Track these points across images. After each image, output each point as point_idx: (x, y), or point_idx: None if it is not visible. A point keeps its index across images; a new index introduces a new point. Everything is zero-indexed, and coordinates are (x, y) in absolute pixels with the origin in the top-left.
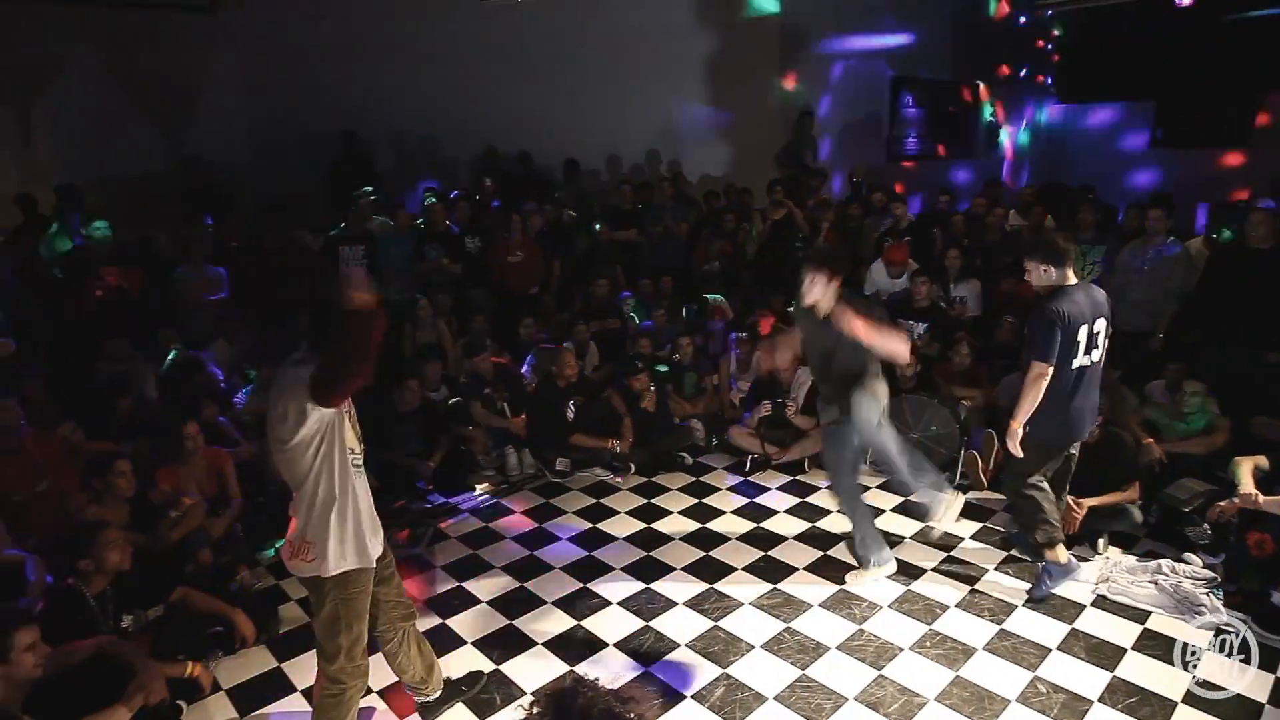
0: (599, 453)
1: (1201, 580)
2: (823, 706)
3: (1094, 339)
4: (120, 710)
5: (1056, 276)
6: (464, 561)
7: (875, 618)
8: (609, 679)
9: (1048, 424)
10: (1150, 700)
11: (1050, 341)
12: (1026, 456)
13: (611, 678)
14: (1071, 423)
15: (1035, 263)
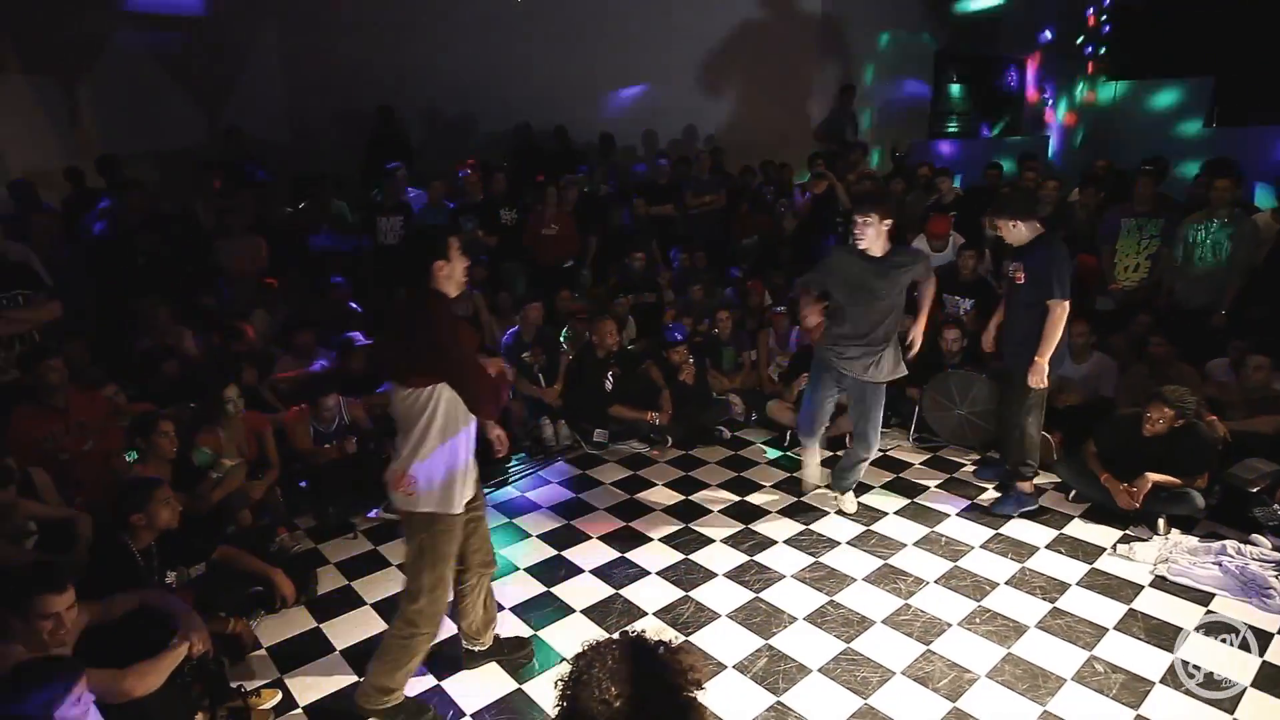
0: (637, 425)
1: (1270, 563)
2: (869, 680)
3: None
4: (166, 659)
5: (1026, 231)
6: (500, 529)
7: (921, 593)
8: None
9: (1056, 362)
10: (1214, 684)
11: (1068, 278)
12: (1041, 391)
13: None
14: (1059, 357)
15: (1004, 219)
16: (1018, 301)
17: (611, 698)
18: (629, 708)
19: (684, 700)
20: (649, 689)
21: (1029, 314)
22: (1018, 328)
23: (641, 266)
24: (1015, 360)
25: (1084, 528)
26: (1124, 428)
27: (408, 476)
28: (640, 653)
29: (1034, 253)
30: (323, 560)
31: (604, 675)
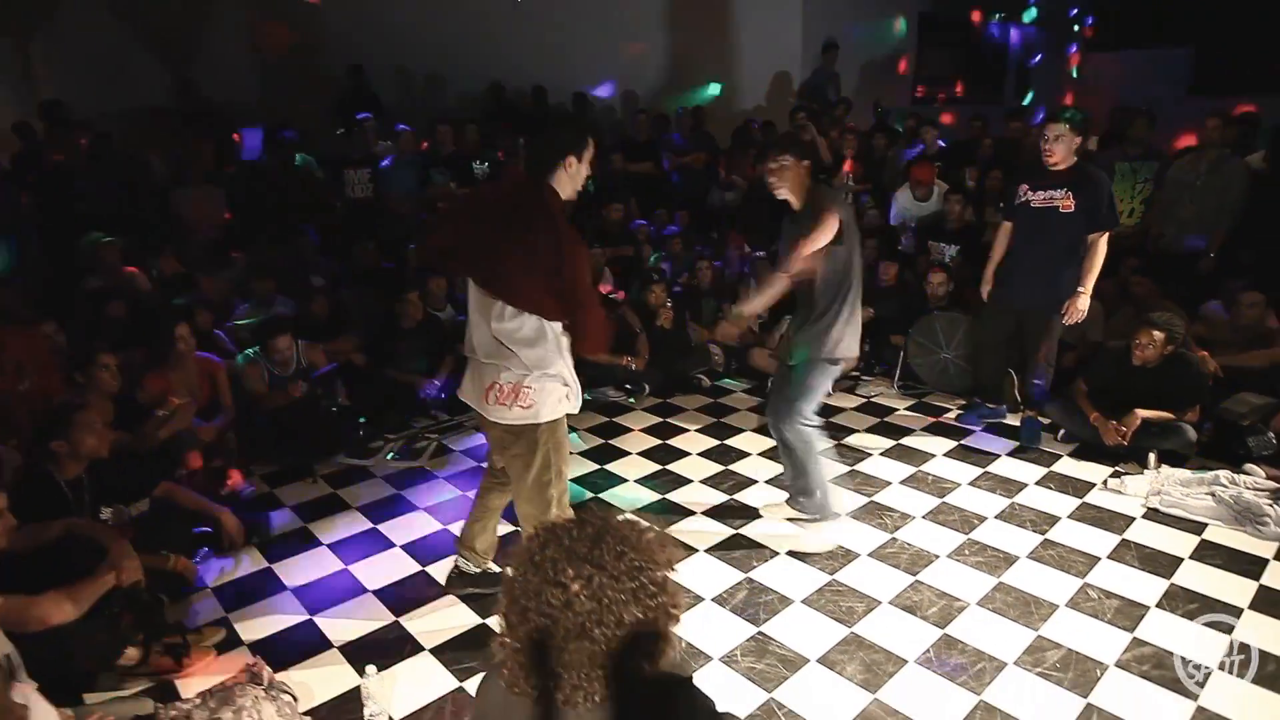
0: (612, 369)
1: (1265, 491)
2: (854, 609)
3: None
4: (87, 587)
5: (1069, 154)
6: (470, 473)
7: (907, 527)
8: None
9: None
10: (1213, 606)
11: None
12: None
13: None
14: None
15: (1059, 126)
16: (1055, 233)
17: (568, 580)
18: (588, 593)
19: (652, 585)
20: (612, 571)
21: (1065, 245)
22: (1050, 260)
23: (619, 219)
24: (1042, 294)
25: (1074, 465)
26: (1114, 361)
27: (522, 390)
28: (602, 532)
29: (1085, 180)
30: (278, 503)
31: (560, 555)
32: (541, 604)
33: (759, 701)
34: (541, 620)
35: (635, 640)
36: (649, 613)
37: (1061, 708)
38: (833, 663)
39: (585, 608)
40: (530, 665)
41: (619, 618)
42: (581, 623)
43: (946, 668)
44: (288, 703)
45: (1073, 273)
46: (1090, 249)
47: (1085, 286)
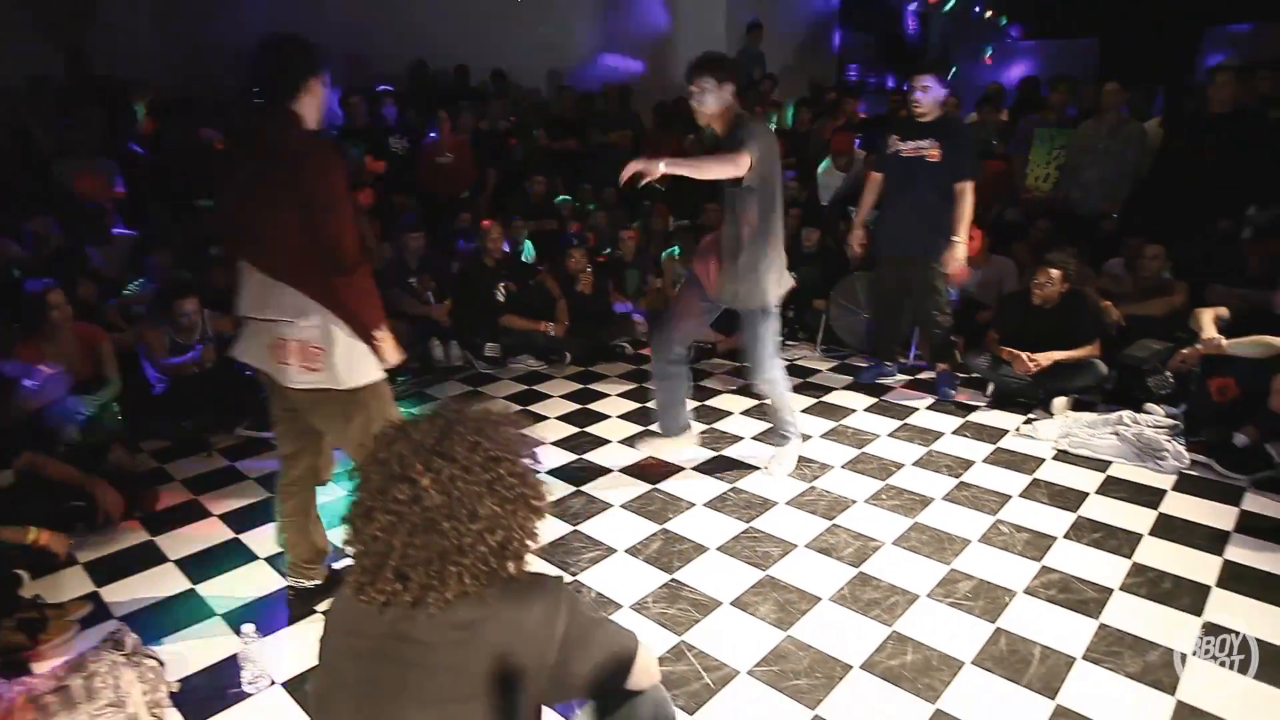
0: (531, 336)
1: (1164, 429)
2: (770, 554)
3: None
4: None
5: (937, 105)
6: None
7: (826, 476)
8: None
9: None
10: (1116, 534)
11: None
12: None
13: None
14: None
15: (923, 73)
16: (920, 182)
17: (416, 474)
18: (438, 486)
19: (510, 476)
20: (463, 463)
21: (936, 193)
22: (921, 209)
23: (541, 191)
24: (918, 243)
25: (990, 415)
26: (1018, 305)
27: (310, 349)
28: (452, 424)
29: (951, 131)
30: (168, 478)
31: (407, 451)
32: (388, 501)
33: (669, 644)
34: (387, 519)
35: (491, 535)
36: (505, 505)
37: (970, 633)
38: (746, 604)
39: (434, 501)
40: (376, 567)
41: (472, 510)
42: (430, 517)
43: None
44: (151, 668)
45: (945, 221)
46: (959, 198)
47: (959, 235)
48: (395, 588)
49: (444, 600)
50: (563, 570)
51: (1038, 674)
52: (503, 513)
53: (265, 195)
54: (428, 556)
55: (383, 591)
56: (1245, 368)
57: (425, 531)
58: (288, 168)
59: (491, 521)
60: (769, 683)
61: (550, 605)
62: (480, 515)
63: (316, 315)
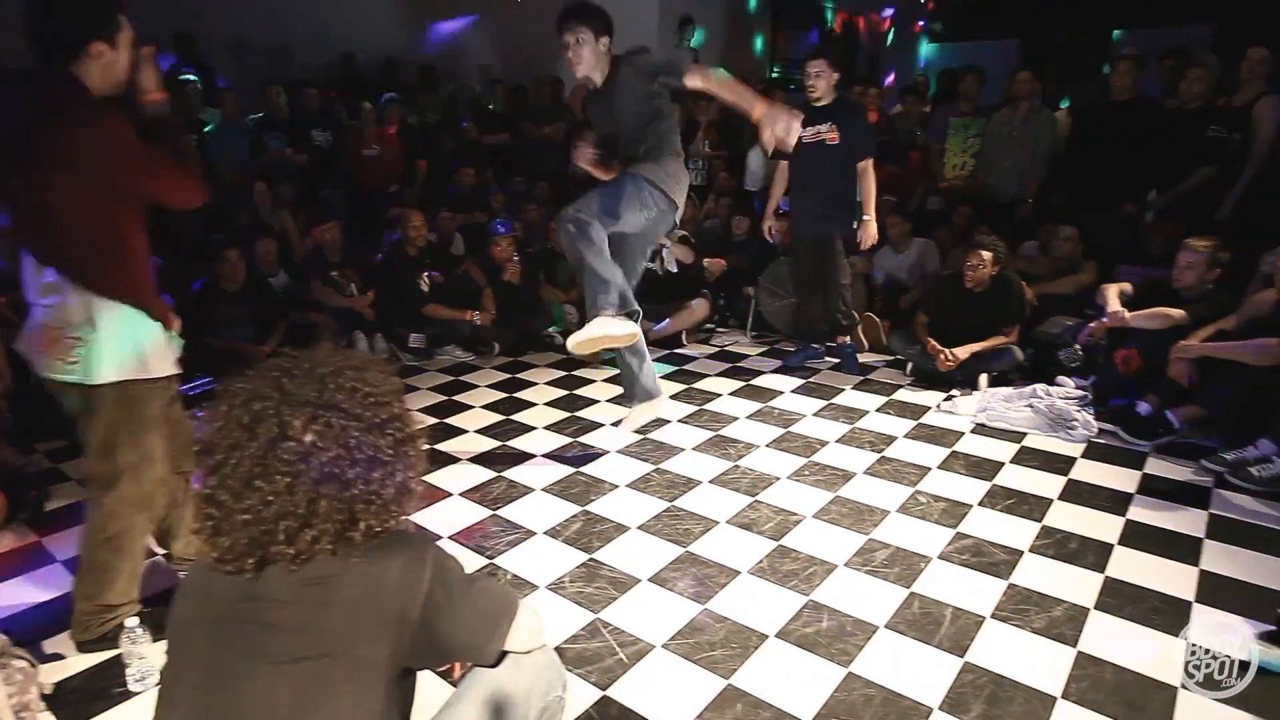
0: (456, 326)
1: (1074, 399)
2: (691, 531)
3: None
4: None
5: (831, 88)
6: None
7: (751, 455)
8: (444, 523)
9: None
10: (1028, 500)
11: None
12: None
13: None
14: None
15: (819, 62)
16: (823, 165)
17: (300, 432)
18: (334, 440)
19: (396, 419)
20: (353, 412)
21: (838, 174)
22: (824, 191)
23: (470, 183)
24: (824, 225)
25: (912, 393)
26: (950, 288)
27: (65, 340)
28: (326, 374)
29: (846, 112)
30: (63, 477)
31: (284, 408)
32: (274, 464)
33: (584, 622)
34: (283, 480)
35: (394, 478)
36: (400, 445)
37: (885, 598)
38: (664, 580)
39: (331, 454)
40: (265, 535)
41: (372, 456)
42: (331, 471)
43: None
44: (20, 669)
45: (849, 201)
46: (862, 176)
47: (869, 213)
48: (282, 550)
49: (299, 562)
50: (479, 554)
51: (948, 634)
52: (397, 455)
53: (34, 168)
54: (334, 509)
55: (234, 553)
56: (1147, 339)
57: (329, 483)
58: (61, 137)
59: (391, 466)
60: (683, 655)
61: (414, 561)
62: (381, 460)
63: (77, 298)
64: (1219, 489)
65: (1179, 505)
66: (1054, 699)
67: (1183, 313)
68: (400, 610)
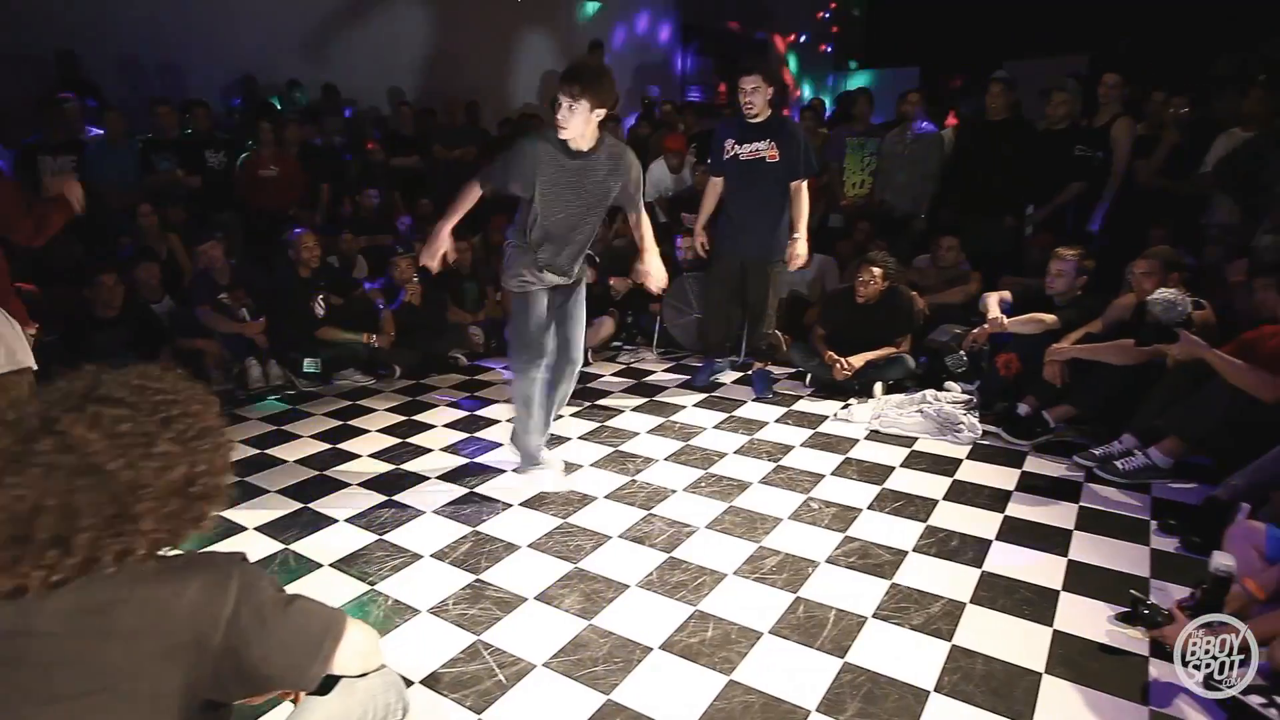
0: (354, 349)
1: (960, 403)
2: (583, 547)
3: None
4: None
5: (767, 104)
6: None
7: (649, 470)
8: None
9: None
10: (915, 502)
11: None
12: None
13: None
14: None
15: (753, 76)
16: (763, 184)
17: (66, 426)
18: (101, 432)
19: (186, 416)
20: (132, 403)
21: (778, 193)
22: (765, 210)
23: (374, 205)
24: (761, 243)
25: (811, 404)
26: (843, 302)
27: None
28: (104, 375)
29: (785, 131)
30: None
31: (50, 403)
32: (28, 458)
33: (464, 644)
34: (33, 472)
35: (172, 471)
36: (186, 442)
37: (772, 604)
38: (551, 598)
39: (96, 445)
40: (20, 537)
41: (145, 449)
42: (92, 462)
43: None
44: None
45: (785, 220)
46: (795, 196)
47: (799, 232)
48: (52, 557)
49: (55, 581)
50: (360, 581)
51: (830, 636)
52: (183, 449)
53: None
54: (97, 502)
55: (38, 566)
56: (1025, 344)
57: (87, 474)
58: None
59: (170, 458)
60: (564, 673)
61: (214, 582)
62: (156, 451)
63: None
64: (1089, 483)
65: (1053, 500)
66: (927, 693)
67: (1054, 318)
68: (197, 637)
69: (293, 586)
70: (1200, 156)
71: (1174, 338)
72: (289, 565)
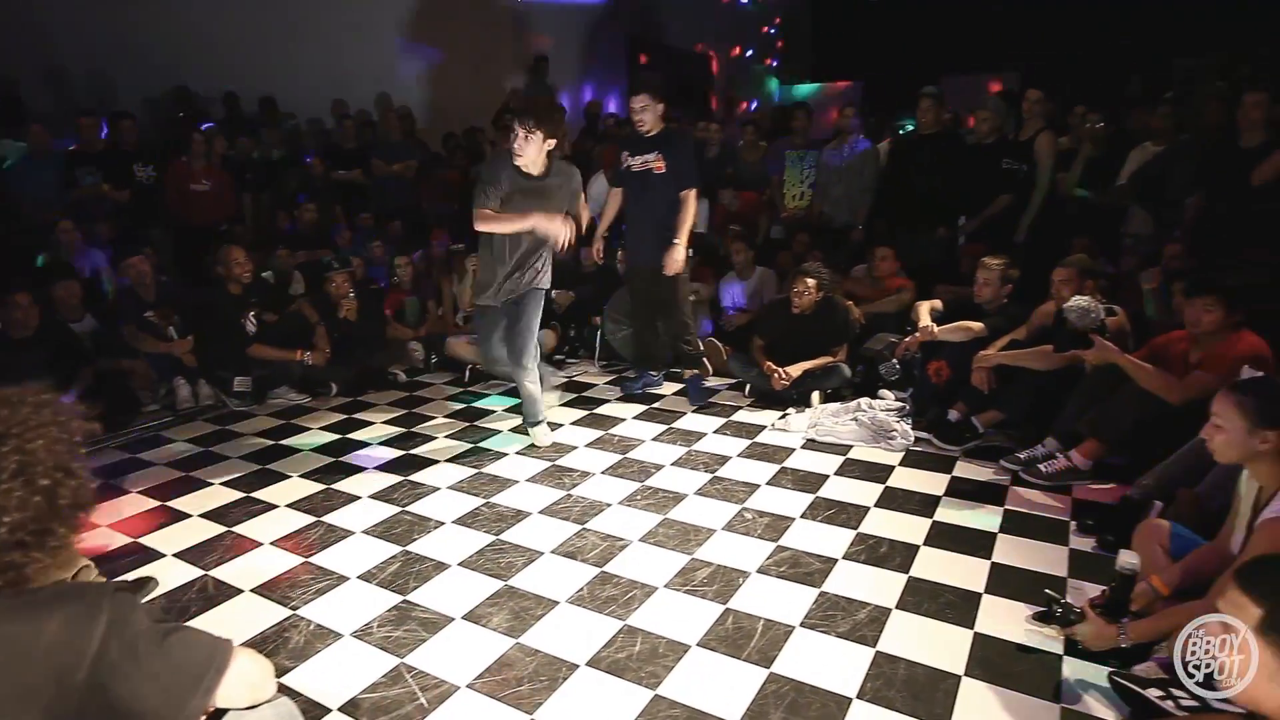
0: (287, 367)
1: (894, 411)
2: (514, 564)
3: None
4: None
5: (658, 120)
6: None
7: (585, 484)
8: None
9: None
10: (847, 509)
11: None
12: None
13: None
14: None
15: (644, 95)
16: (653, 193)
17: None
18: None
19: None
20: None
21: (666, 203)
22: (655, 219)
23: (312, 219)
24: (656, 252)
25: (751, 414)
26: (780, 313)
27: None
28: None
29: (673, 142)
30: None
31: None
32: None
33: (387, 668)
34: None
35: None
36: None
37: (701, 616)
38: (479, 617)
39: None
40: None
41: None
42: None
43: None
44: None
45: (676, 229)
46: (683, 205)
47: (679, 239)
48: None
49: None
50: (281, 606)
51: (757, 646)
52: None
53: None
54: None
55: None
56: (955, 352)
57: None
58: None
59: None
60: (488, 693)
61: (79, 616)
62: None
63: None
64: (1014, 486)
65: (979, 504)
66: (850, 700)
67: (981, 325)
68: (58, 674)
69: (209, 614)
70: (1119, 170)
71: (1089, 343)
72: (207, 592)
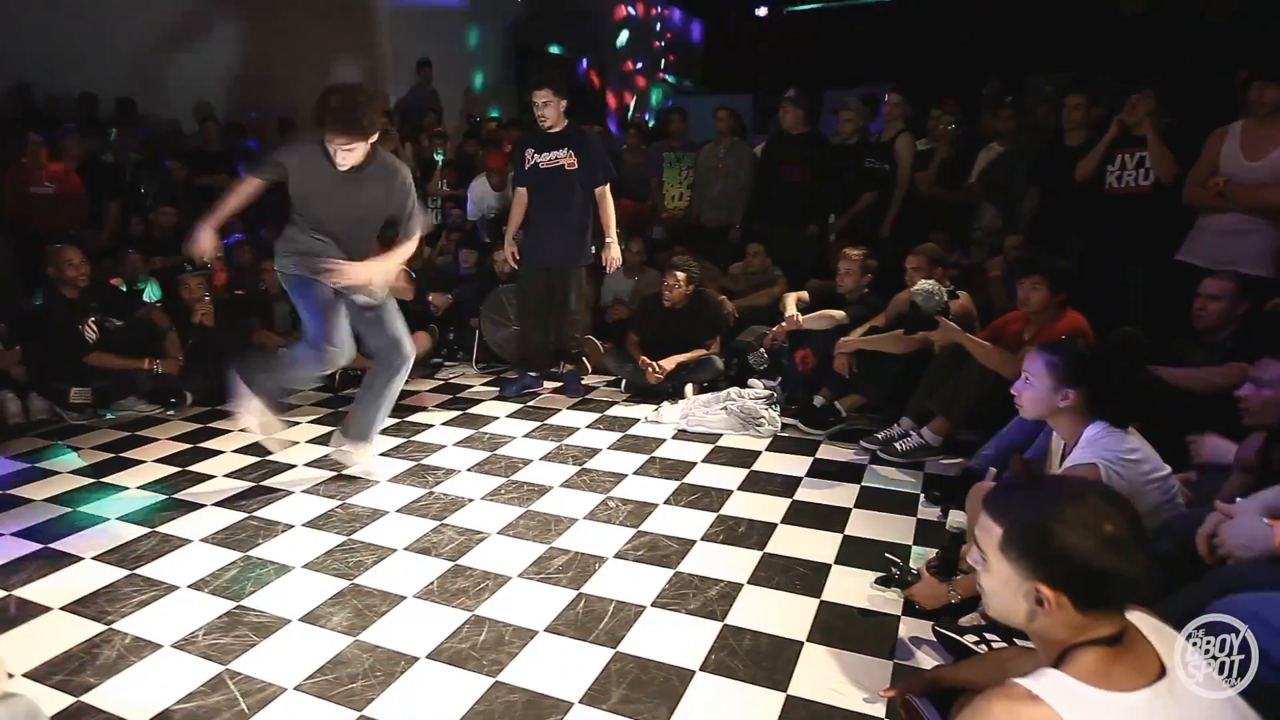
0: (133, 376)
1: (762, 399)
2: (363, 562)
3: None
4: None
5: (560, 115)
6: None
7: (449, 481)
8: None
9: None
10: (710, 494)
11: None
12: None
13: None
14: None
15: (545, 90)
16: (565, 191)
17: None
18: None
19: None
20: None
21: (579, 199)
22: (566, 216)
23: (171, 224)
24: (571, 252)
25: (626, 408)
26: (652, 308)
27: None
28: None
29: (581, 139)
30: None
31: None
32: None
33: (208, 676)
34: None
35: None
36: None
37: (552, 602)
38: (317, 618)
39: None
40: None
41: None
42: None
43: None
44: None
45: (588, 226)
46: (601, 202)
47: (611, 236)
48: None
49: None
50: (95, 622)
51: (606, 628)
52: None
53: None
54: None
55: None
56: (819, 339)
57: None
58: None
59: None
60: (317, 694)
61: None
62: None
63: None
64: (873, 465)
65: (838, 483)
66: (693, 672)
67: (843, 314)
68: None
69: (11, 634)
70: (970, 169)
71: (935, 325)
72: (8, 614)
